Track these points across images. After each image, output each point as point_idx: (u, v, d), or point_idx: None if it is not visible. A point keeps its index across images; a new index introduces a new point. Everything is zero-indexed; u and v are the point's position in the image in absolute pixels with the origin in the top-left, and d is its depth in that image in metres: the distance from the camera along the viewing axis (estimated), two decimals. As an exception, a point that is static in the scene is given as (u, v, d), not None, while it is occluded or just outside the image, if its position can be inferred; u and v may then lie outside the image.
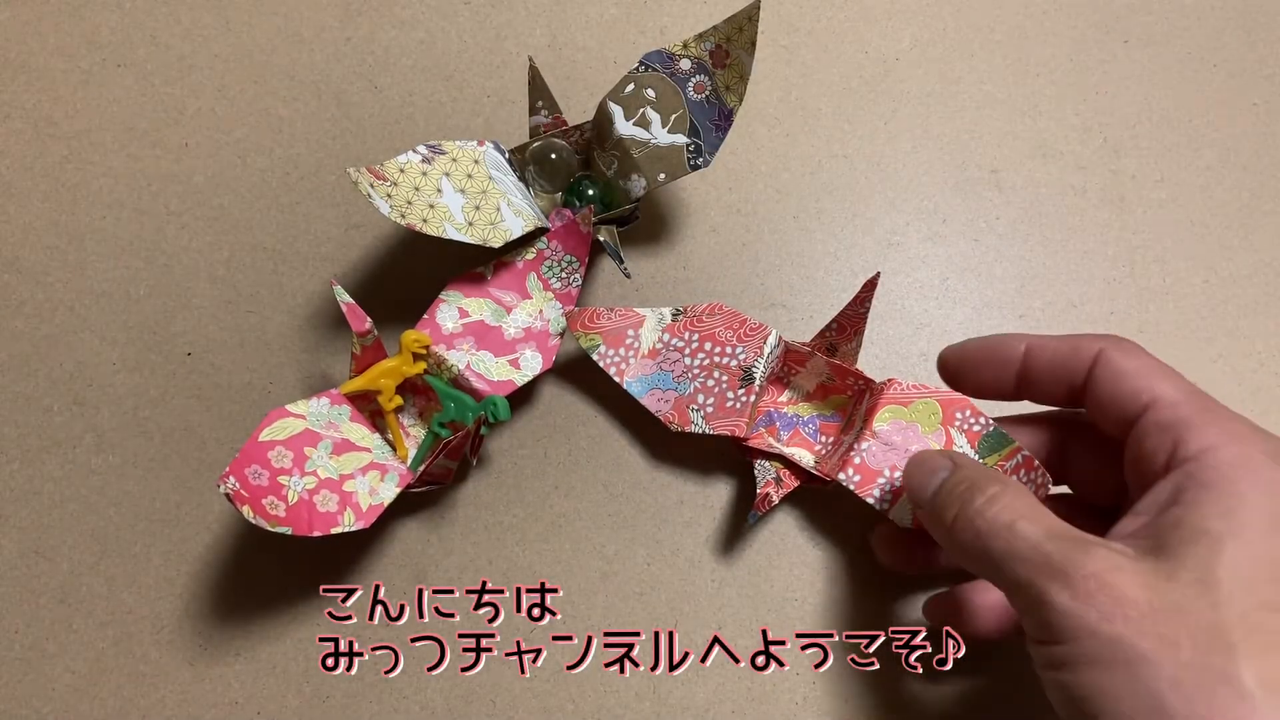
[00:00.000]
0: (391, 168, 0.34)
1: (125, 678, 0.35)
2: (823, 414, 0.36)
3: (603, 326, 0.35)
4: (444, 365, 0.35)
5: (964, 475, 0.28)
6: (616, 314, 0.35)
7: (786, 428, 0.36)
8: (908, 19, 0.42)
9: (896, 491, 0.32)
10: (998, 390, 0.32)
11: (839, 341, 0.35)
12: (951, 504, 0.28)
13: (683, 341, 0.34)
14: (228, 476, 0.29)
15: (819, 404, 0.36)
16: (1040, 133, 0.41)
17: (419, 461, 0.35)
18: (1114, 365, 0.29)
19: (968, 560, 0.27)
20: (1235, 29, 0.43)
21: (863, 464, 0.33)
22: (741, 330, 0.34)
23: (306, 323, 0.38)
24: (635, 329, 0.35)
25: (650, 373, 0.35)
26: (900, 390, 0.33)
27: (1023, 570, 0.25)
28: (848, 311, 0.34)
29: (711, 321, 0.35)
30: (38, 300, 0.38)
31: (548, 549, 0.36)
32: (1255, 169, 0.41)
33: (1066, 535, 0.25)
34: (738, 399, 0.34)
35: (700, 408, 0.34)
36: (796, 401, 0.36)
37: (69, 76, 0.40)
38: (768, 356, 0.34)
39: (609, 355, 0.35)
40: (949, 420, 0.33)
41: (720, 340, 0.34)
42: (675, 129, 0.36)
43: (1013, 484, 0.28)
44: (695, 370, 0.34)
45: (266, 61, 0.41)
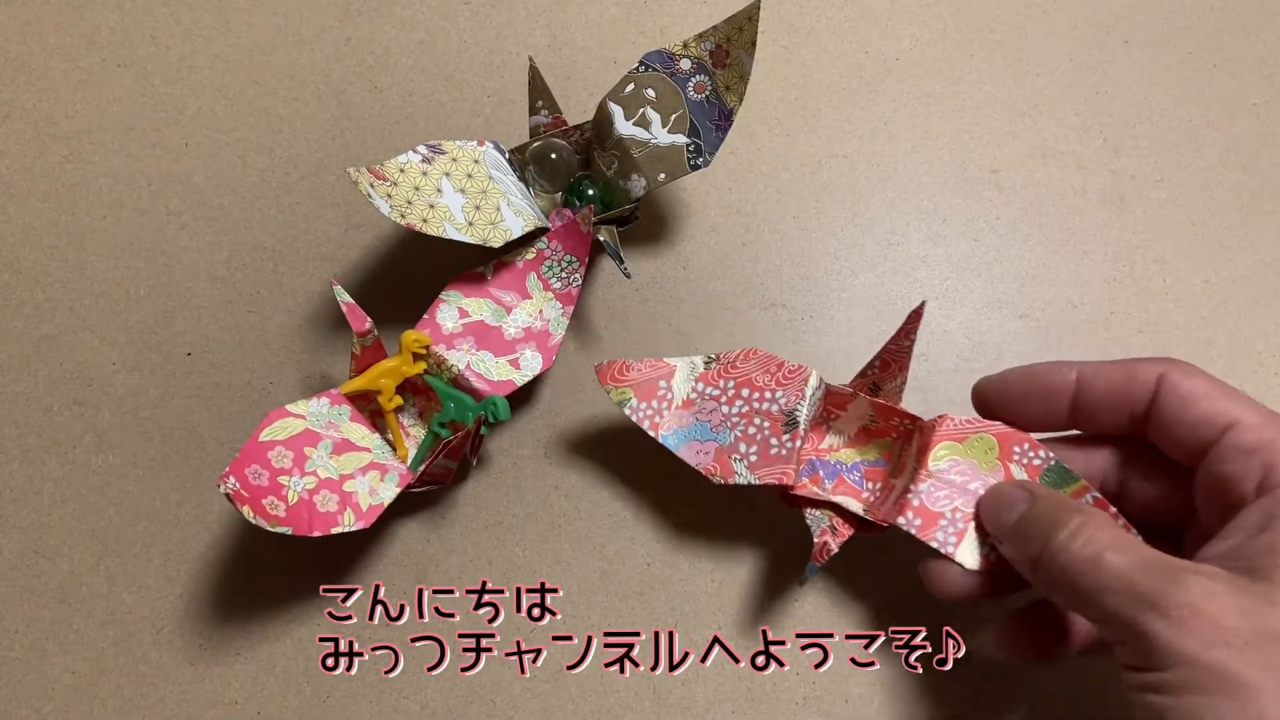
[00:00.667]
0: (391, 168, 0.34)
1: (125, 678, 0.35)
2: (867, 459, 0.35)
3: (632, 379, 0.33)
4: (444, 365, 0.35)
5: (1044, 508, 0.28)
6: (646, 365, 0.34)
7: (830, 476, 0.34)
8: (908, 19, 0.42)
9: (960, 533, 0.31)
10: (1047, 423, 0.31)
11: (882, 379, 0.33)
12: (1034, 539, 0.27)
13: (718, 390, 0.33)
14: (228, 476, 0.29)
15: (863, 448, 0.35)
16: (1040, 133, 0.41)
17: (419, 461, 0.35)
18: (1180, 389, 0.28)
19: (1056, 594, 0.27)
20: (1235, 29, 0.43)
21: (922, 506, 0.31)
22: (780, 373, 0.33)
23: (306, 323, 0.38)
24: (667, 380, 0.33)
25: (687, 424, 0.33)
26: (953, 426, 0.32)
27: (1114, 603, 0.25)
28: (891, 346, 0.32)
29: (747, 366, 0.33)
30: (38, 300, 0.38)
31: (548, 549, 0.36)
32: (1255, 169, 0.41)
33: (1157, 564, 0.25)
34: (782, 445, 0.32)
35: (743, 457, 0.32)
36: (839, 448, 0.35)
37: (69, 76, 0.40)
38: (810, 399, 0.32)
39: (641, 409, 0.33)
40: (1006, 455, 0.31)
41: (758, 385, 0.33)
42: (675, 129, 0.36)
43: (1095, 514, 0.27)
44: (734, 418, 0.33)
45: (266, 61, 0.41)
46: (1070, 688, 0.35)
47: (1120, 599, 0.24)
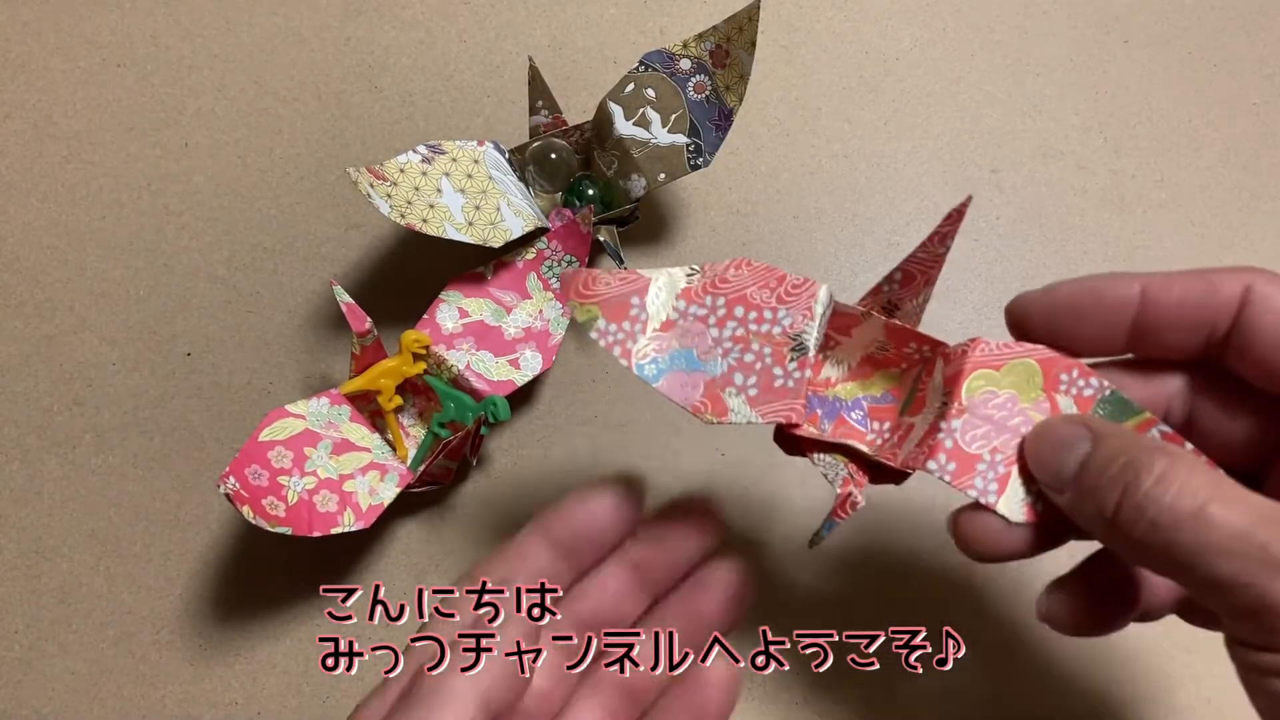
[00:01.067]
0: (391, 168, 0.34)
1: (125, 678, 0.35)
2: (871, 395, 0.29)
3: (601, 294, 0.27)
4: (444, 365, 0.35)
5: (1115, 448, 0.23)
6: (617, 278, 0.27)
7: (829, 416, 0.29)
8: (908, 19, 0.42)
9: (1002, 479, 0.26)
10: (1101, 347, 0.26)
11: (901, 298, 0.28)
12: (1108, 489, 0.22)
13: (705, 309, 0.27)
14: (228, 476, 0.29)
15: (865, 381, 0.29)
16: (1040, 133, 0.41)
17: (419, 461, 0.35)
18: (1275, 301, 0.23)
19: (1143, 558, 0.22)
20: (1235, 29, 0.43)
21: (956, 447, 0.25)
22: (782, 289, 0.27)
23: (306, 323, 0.38)
24: (641, 296, 0.27)
25: (667, 351, 0.27)
26: (988, 351, 0.26)
27: (1228, 567, 0.20)
28: (919, 255, 0.27)
29: (740, 279, 0.27)
30: (37, 300, 0.38)
31: (548, 549, 0.36)
32: (1255, 169, 0.41)
33: (1278, 517, 0.20)
34: (788, 375, 0.26)
35: (740, 390, 0.26)
36: (836, 381, 0.29)
37: (69, 76, 0.40)
38: (820, 318, 0.27)
39: (611, 332, 0.26)
40: (1052, 385, 0.26)
41: (755, 303, 0.27)
42: (675, 129, 0.36)
43: (1183, 455, 0.22)
44: (727, 343, 0.26)
45: (266, 61, 0.41)
46: (1072, 687, 0.35)
47: (1237, 562, 0.20)
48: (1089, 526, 0.23)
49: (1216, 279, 0.24)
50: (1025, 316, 0.27)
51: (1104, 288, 0.25)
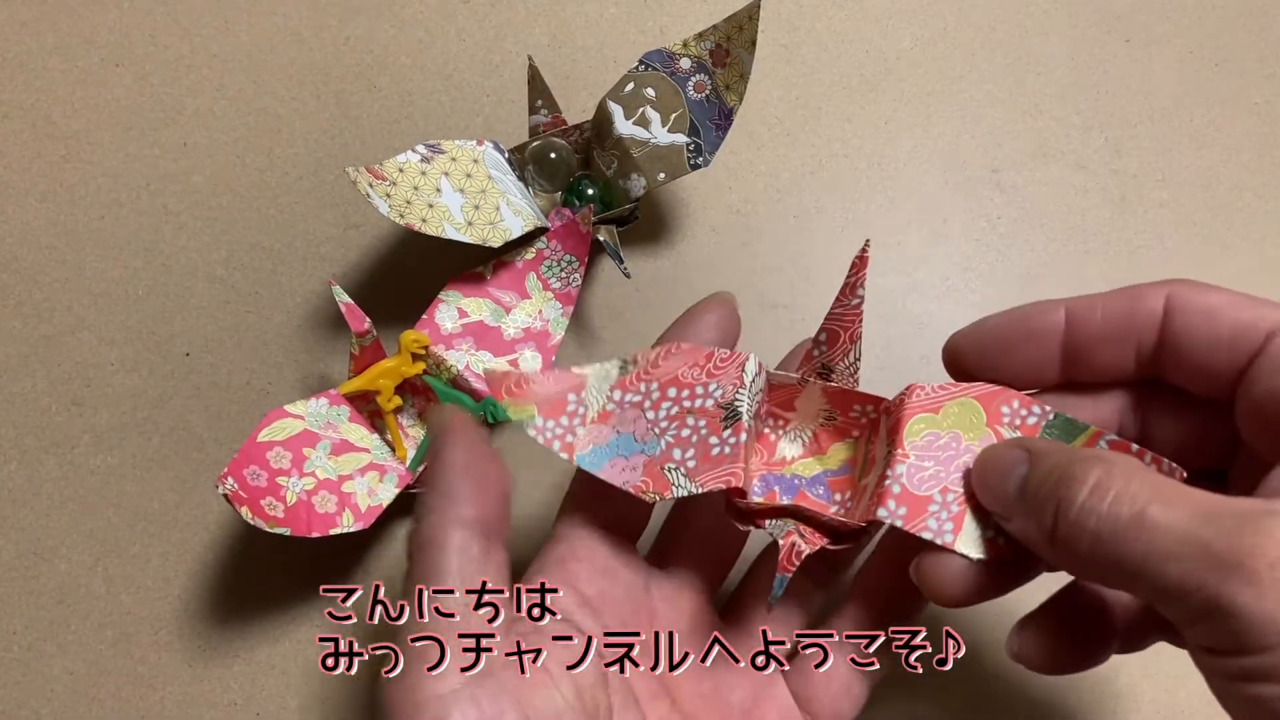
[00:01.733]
0: (390, 167, 0.34)
1: (124, 679, 0.35)
2: (829, 469, 0.29)
3: (535, 394, 0.27)
4: (443, 365, 0.34)
5: (1051, 464, 0.22)
6: (550, 377, 0.27)
7: (788, 493, 0.28)
8: (908, 19, 0.42)
9: (956, 517, 0.25)
10: (1035, 377, 0.26)
11: (832, 359, 0.28)
12: (1047, 505, 0.22)
13: (640, 394, 0.27)
14: (226, 477, 0.29)
15: (822, 457, 0.29)
16: (1041, 132, 0.41)
17: (418, 462, 0.35)
18: (1198, 304, 0.23)
19: (1092, 573, 0.21)
20: (1236, 28, 0.43)
21: (904, 492, 0.25)
22: (710, 364, 0.27)
23: (305, 323, 0.38)
24: (577, 393, 0.27)
25: (606, 440, 0.27)
26: (925, 396, 0.26)
27: (1176, 571, 0.19)
28: (836, 312, 0.27)
29: (670, 364, 0.27)
30: (36, 300, 0.38)
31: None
32: (1257, 168, 0.41)
33: (1222, 511, 0.19)
34: (724, 443, 0.26)
35: (679, 464, 0.26)
36: (794, 459, 0.29)
37: (67, 76, 0.40)
38: (751, 386, 0.27)
39: (550, 429, 0.27)
40: (995, 419, 0.26)
41: (686, 381, 0.27)
42: (675, 128, 0.36)
43: (1119, 460, 0.21)
44: (663, 423, 0.26)
45: (265, 61, 0.41)
46: (1072, 684, 0.35)
47: (1185, 565, 0.19)
48: (1037, 548, 0.23)
49: (1138, 293, 0.24)
50: (959, 354, 0.27)
51: (1029, 316, 0.26)
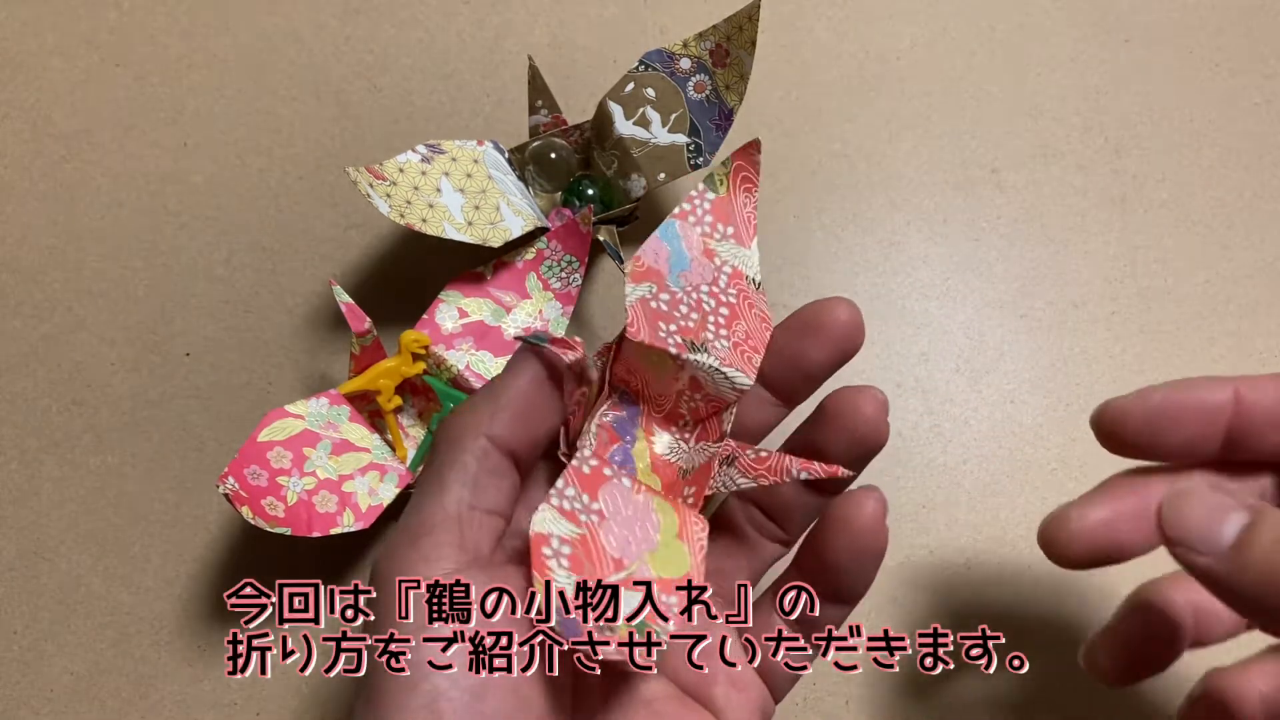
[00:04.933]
0: (391, 167, 0.34)
1: (124, 679, 0.35)
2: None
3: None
4: (443, 365, 0.34)
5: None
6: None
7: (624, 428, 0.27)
8: (908, 19, 0.42)
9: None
10: (1195, 454, 0.26)
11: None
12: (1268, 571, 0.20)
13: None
14: (226, 477, 0.29)
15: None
16: (1041, 132, 0.41)
17: (418, 462, 0.35)
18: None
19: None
20: (1237, 28, 0.43)
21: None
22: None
23: (306, 323, 0.38)
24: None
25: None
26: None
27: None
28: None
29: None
30: (36, 300, 0.38)
31: (547, 549, 0.36)
32: (1257, 168, 0.41)
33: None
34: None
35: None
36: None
37: (67, 76, 0.40)
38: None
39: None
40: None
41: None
42: (675, 128, 0.36)
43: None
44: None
45: (265, 61, 0.41)
46: (1071, 682, 0.35)
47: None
48: (1221, 593, 0.22)
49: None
50: (1121, 424, 0.26)
51: (1193, 394, 0.25)
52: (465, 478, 0.23)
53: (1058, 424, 0.38)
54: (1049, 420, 0.38)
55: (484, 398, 0.24)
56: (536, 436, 0.24)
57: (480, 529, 0.23)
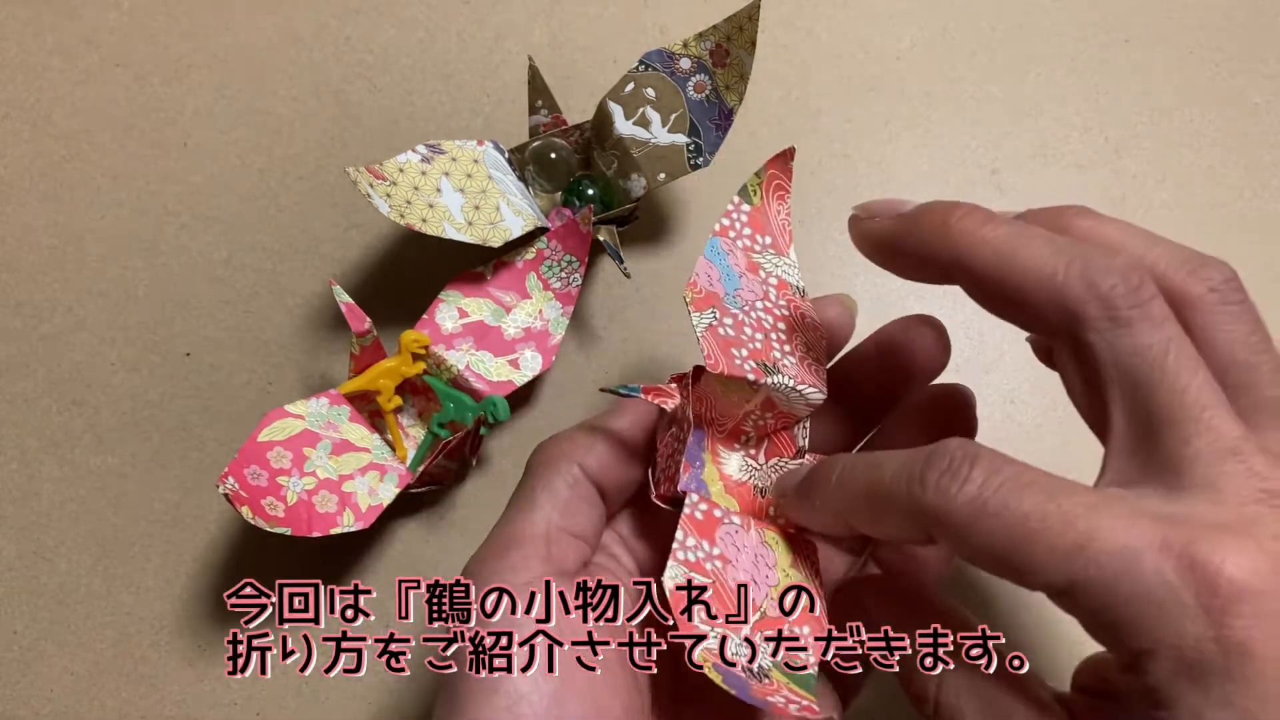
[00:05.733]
0: (391, 167, 0.34)
1: (124, 679, 0.35)
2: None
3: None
4: (443, 365, 0.34)
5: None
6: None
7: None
8: (908, 18, 0.42)
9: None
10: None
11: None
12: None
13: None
14: (227, 477, 0.29)
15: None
16: (1041, 132, 0.41)
17: (418, 462, 0.35)
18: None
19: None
20: (1237, 28, 0.43)
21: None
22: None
23: (306, 323, 0.38)
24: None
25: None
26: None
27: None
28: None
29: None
30: (36, 300, 0.38)
31: (547, 549, 0.36)
32: (1257, 168, 0.41)
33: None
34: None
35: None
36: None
37: (67, 76, 0.40)
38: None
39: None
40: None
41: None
42: (675, 128, 0.36)
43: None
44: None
45: (266, 61, 0.41)
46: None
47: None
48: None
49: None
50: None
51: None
52: (556, 500, 0.24)
53: (1058, 424, 0.38)
54: (1049, 420, 0.38)
55: (583, 429, 0.25)
56: (626, 476, 0.25)
57: (566, 549, 0.24)
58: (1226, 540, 0.18)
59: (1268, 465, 0.19)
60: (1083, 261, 0.20)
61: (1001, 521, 0.19)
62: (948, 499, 0.20)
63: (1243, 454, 0.19)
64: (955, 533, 0.20)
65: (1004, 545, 0.19)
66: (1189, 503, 0.19)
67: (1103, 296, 0.20)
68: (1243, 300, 0.21)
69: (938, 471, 0.20)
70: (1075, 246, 0.21)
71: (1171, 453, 0.19)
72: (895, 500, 0.21)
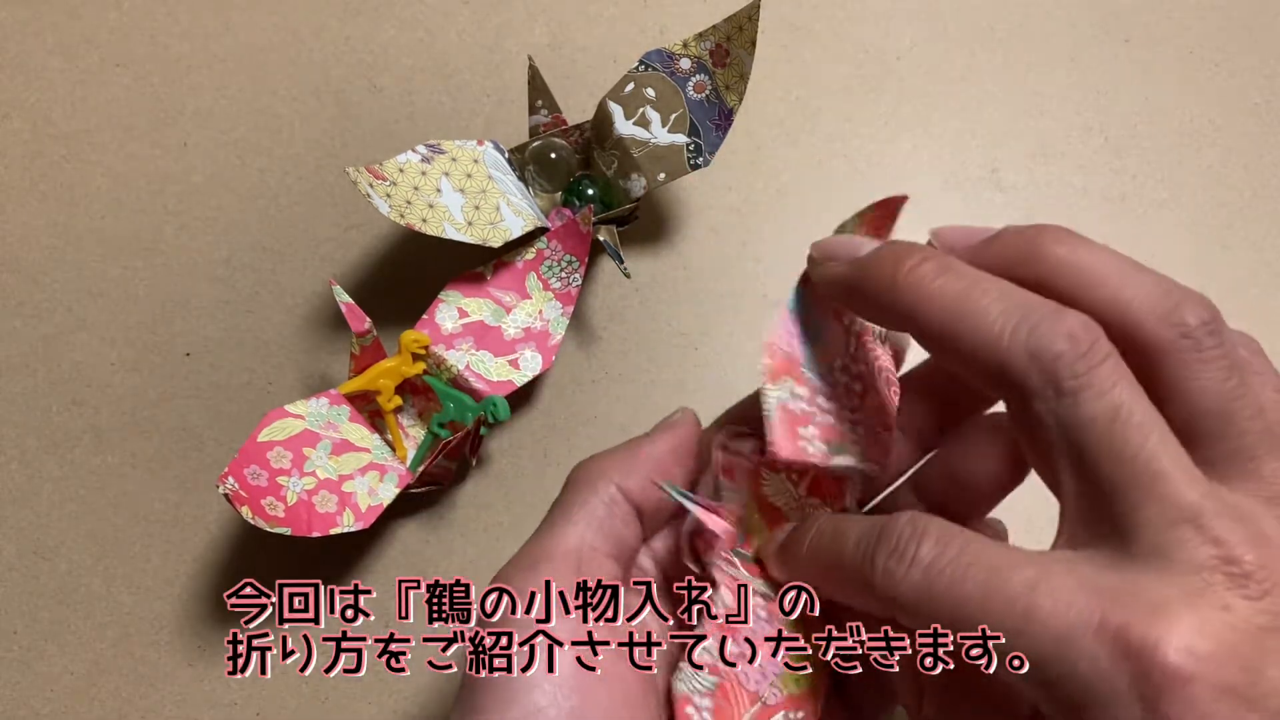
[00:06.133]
0: (391, 167, 0.34)
1: (124, 679, 0.35)
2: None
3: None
4: (443, 365, 0.34)
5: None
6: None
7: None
8: (908, 18, 0.42)
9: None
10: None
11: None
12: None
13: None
14: (227, 477, 0.29)
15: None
16: (1041, 132, 0.41)
17: (418, 462, 0.35)
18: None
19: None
20: (1236, 28, 0.43)
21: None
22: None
23: (306, 323, 0.38)
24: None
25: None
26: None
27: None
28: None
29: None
30: (36, 300, 0.38)
31: (547, 549, 0.36)
32: (1256, 168, 0.41)
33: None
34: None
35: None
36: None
37: (67, 76, 0.40)
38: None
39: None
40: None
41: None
42: (675, 128, 0.36)
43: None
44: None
45: (266, 61, 0.41)
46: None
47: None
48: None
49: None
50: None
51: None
52: (591, 519, 0.24)
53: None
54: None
55: (625, 449, 0.25)
56: (666, 499, 0.25)
57: (597, 568, 0.24)
58: (1165, 617, 0.17)
59: (1228, 527, 0.18)
60: (1029, 326, 0.20)
61: (945, 606, 0.19)
62: (894, 583, 0.20)
63: (1201, 518, 0.18)
64: (906, 616, 0.20)
65: (952, 628, 0.19)
66: (1135, 571, 0.18)
67: (1045, 368, 0.19)
68: (1218, 345, 0.20)
69: (885, 554, 0.20)
70: (1026, 304, 0.20)
71: (1121, 519, 0.19)
72: (855, 579, 0.21)
